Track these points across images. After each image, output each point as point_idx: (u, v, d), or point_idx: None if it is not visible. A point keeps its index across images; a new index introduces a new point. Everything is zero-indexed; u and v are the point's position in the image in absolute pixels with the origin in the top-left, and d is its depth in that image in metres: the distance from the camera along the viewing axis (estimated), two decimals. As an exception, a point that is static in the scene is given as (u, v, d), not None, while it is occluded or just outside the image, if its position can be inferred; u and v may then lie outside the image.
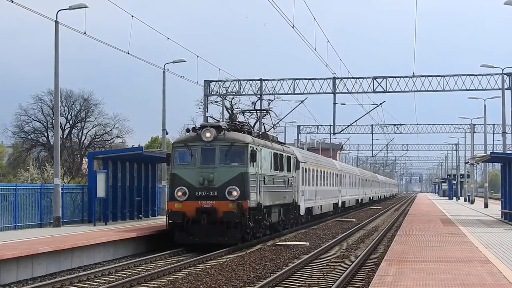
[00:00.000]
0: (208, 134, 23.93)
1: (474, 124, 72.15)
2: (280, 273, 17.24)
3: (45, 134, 73.04)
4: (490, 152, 51.88)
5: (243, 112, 33.25)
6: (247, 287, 16.01)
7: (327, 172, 44.15)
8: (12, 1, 25.40)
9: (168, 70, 39.73)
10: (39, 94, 72.93)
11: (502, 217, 37.20)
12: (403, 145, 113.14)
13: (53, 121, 42.44)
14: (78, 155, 73.74)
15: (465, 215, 42.08)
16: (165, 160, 26.47)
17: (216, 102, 61.84)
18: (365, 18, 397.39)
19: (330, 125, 76.65)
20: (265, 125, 35.82)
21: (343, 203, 51.89)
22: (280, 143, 31.62)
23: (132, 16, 32.78)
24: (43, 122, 72.84)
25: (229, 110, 65.46)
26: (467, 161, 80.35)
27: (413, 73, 47.08)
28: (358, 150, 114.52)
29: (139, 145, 77.37)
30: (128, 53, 33.80)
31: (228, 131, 24.56)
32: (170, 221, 23.74)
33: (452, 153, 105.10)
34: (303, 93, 49.42)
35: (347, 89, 48.57)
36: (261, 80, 49.63)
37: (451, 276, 13.91)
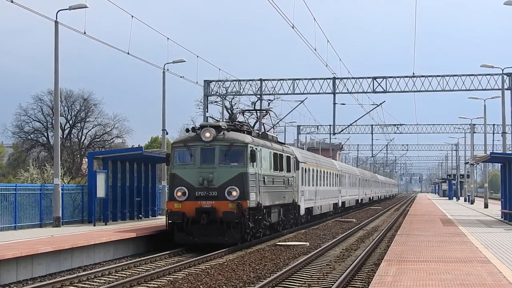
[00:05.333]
0: (207, 134, 23.91)
1: (474, 124, 72.20)
2: (280, 273, 17.24)
3: (45, 134, 73.11)
4: (490, 152, 51.90)
5: (243, 112, 33.20)
6: (247, 287, 16.01)
7: (327, 172, 44.14)
8: (12, 1, 25.41)
9: (168, 70, 39.75)
10: (39, 94, 73.16)
11: (502, 217, 37.20)
12: (403, 145, 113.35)
13: (53, 121, 42.42)
14: (78, 155, 73.74)
15: (465, 215, 42.07)
16: (165, 160, 26.51)
17: (216, 102, 61.88)
18: (365, 18, 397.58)
19: (330, 125, 76.76)
20: (265, 125, 35.78)
21: (343, 203, 51.88)
22: (280, 143, 31.60)
23: (132, 16, 32.81)
24: (43, 122, 72.91)
25: (229, 110, 65.46)
26: (467, 161, 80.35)
27: (413, 73, 47.11)
28: (358, 150, 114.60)
29: (139, 145, 77.37)
30: (128, 53, 33.83)
31: (228, 131, 24.55)
32: (169, 221, 23.74)
33: (452, 153, 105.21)
34: (303, 93, 49.45)
35: (347, 89, 48.60)
36: (261, 80, 49.63)
37: (451, 276, 13.90)
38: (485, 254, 18.10)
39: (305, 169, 35.68)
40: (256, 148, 24.83)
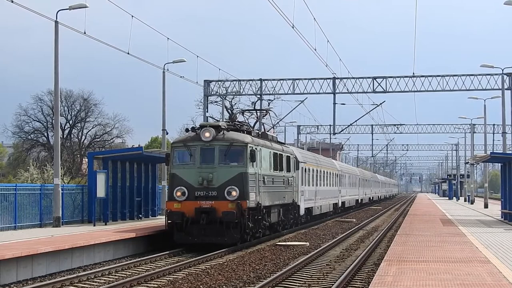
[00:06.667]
0: (207, 134, 23.89)
1: (474, 124, 72.17)
2: (280, 273, 17.23)
3: (45, 134, 73.13)
4: (490, 152, 51.87)
5: (242, 112, 33.19)
6: (247, 287, 16.00)
7: (327, 172, 44.14)
8: (12, 1, 25.40)
9: (168, 70, 39.75)
10: (39, 94, 73.17)
11: (502, 217, 37.19)
12: (403, 145, 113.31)
13: (53, 121, 42.42)
14: (78, 155, 73.75)
15: (465, 215, 42.06)
16: (164, 160, 26.53)
17: (216, 102, 61.88)
18: (365, 18, 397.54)
19: (330, 125, 76.68)
20: (264, 125, 35.78)
21: (343, 203, 51.88)
22: (280, 143, 31.59)
23: (132, 16, 32.81)
24: (43, 122, 72.92)
25: (229, 110, 65.44)
26: (467, 161, 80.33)
27: (413, 73, 47.05)
28: (358, 150, 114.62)
29: (139, 145, 77.42)
30: (128, 53, 33.84)
31: (228, 131, 24.53)
32: (169, 221, 23.72)
33: (452, 153, 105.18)
34: (303, 93, 49.42)
35: (347, 89, 48.56)
36: (261, 80, 49.61)
37: (451, 276, 13.90)
38: (485, 254, 18.09)
39: (305, 169, 35.68)
40: (256, 148, 24.81)
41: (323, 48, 44.64)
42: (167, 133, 41.07)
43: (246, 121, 31.50)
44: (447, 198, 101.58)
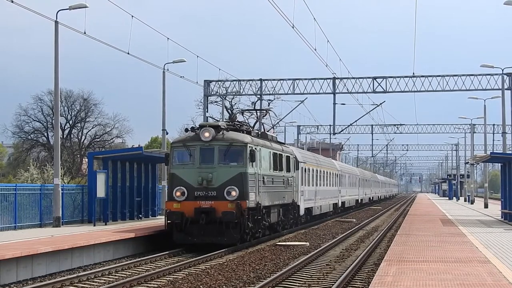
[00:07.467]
0: (206, 134, 23.88)
1: (474, 124, 72.15)
2: (280, 273, 17.23)
3: (45, 134, 73.14)
4: (490, 152, 51.90)
5: (242, 112, 33.18)
6: (247, 287, 16.00)
7: (327, 172, 44.13)
8: (12, 1, 25.39)
9: (168, 70, 39.76)
10: (39, 94, 73.21)
11: (502, 217, 37.19)
12: (403, 145, 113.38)
13: (53, 121, 42.43)
14: (78, 155, 73.74)
15: (465, 215, 42.06)
16: (164, 160, 26.51)
17: (216, 102, 61.88)
18: (365, 18, 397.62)
19: (330, 125, 76.64)
20: (264, 125, 35.77)
21: (343, 203, 51.87)
22: (280, 143, 31.58)
23: (132, 16, 32.82)
24: (43, 122, 72.93)
25: (229, 110, 65.42)
26: (467, 161, 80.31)
27: (413, 73, 47.03)
28: (358, 150, 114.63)
29: (139, 145, 77.43)
30: (128, 53, 33.85)
31: (227, 131, 24.52)
32: (168, 221, 23.71)
33: (452, 153, 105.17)
34: (303, 93, 49.41)
35: (347, 89, 48.54)
36: (261, 80, 49.60)
37: (451, 276, 13.90)
38: (485, 254, 18.09)
39: (305, 169, 35.67)
40: (255, 148, 24.79)
41: (323, 48, 44.68)
42: (167, 133, 41.09)
43: (246, 121, 31.51)
44: (447, 198, 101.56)
